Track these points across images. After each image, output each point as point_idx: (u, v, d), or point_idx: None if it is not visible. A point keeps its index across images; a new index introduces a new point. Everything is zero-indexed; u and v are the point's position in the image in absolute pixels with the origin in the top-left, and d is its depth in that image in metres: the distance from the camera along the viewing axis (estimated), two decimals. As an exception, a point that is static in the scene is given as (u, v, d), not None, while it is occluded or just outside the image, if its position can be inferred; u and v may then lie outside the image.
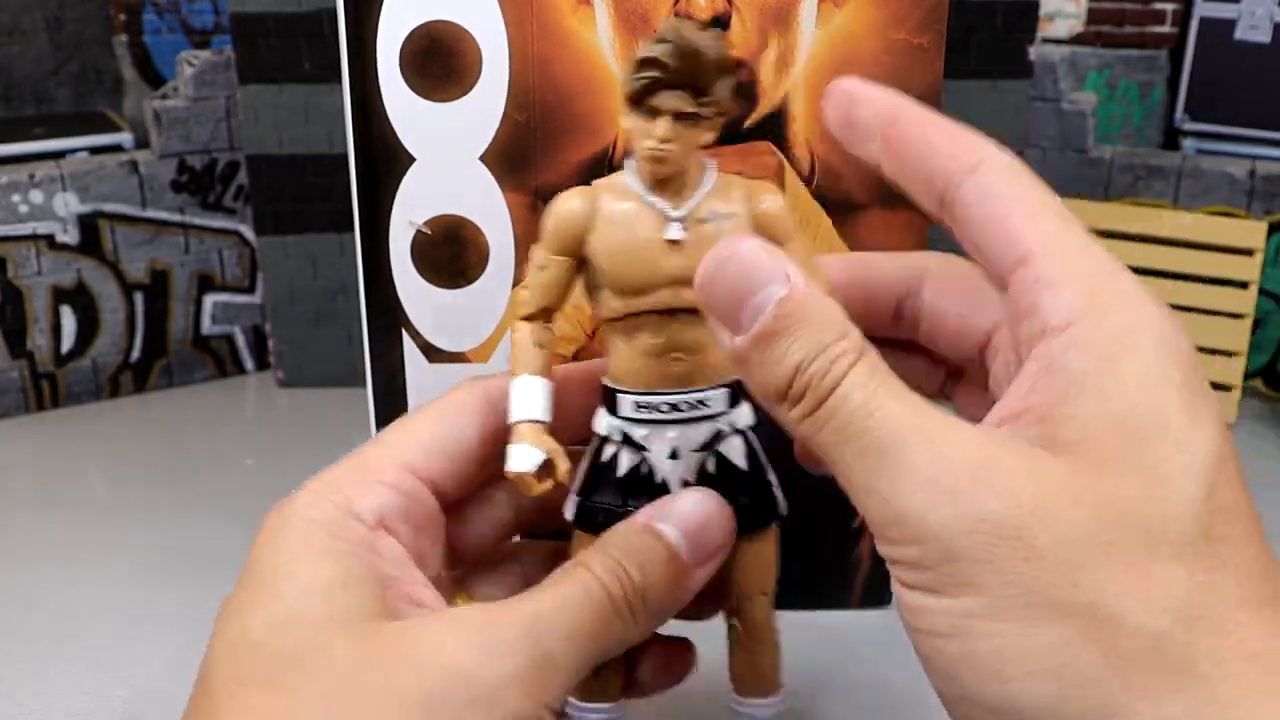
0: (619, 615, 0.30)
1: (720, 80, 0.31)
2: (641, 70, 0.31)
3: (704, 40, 0.30)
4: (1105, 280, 0.28)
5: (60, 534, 0.77)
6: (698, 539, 0.32)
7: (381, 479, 0.32)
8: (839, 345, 0.28)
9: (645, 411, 0.34)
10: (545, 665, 0.28)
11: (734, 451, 0.35)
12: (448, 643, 0.27)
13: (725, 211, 0.33)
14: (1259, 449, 0.92)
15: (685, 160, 0.32)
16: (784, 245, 0.33)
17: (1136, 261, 1.01)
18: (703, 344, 0.33)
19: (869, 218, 0.49)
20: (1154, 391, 0.26)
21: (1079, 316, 0.27)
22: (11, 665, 0.61)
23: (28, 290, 0.96)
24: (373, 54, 0.47)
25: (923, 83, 0.46)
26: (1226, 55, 1.22)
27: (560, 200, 0.34)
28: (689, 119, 0.31)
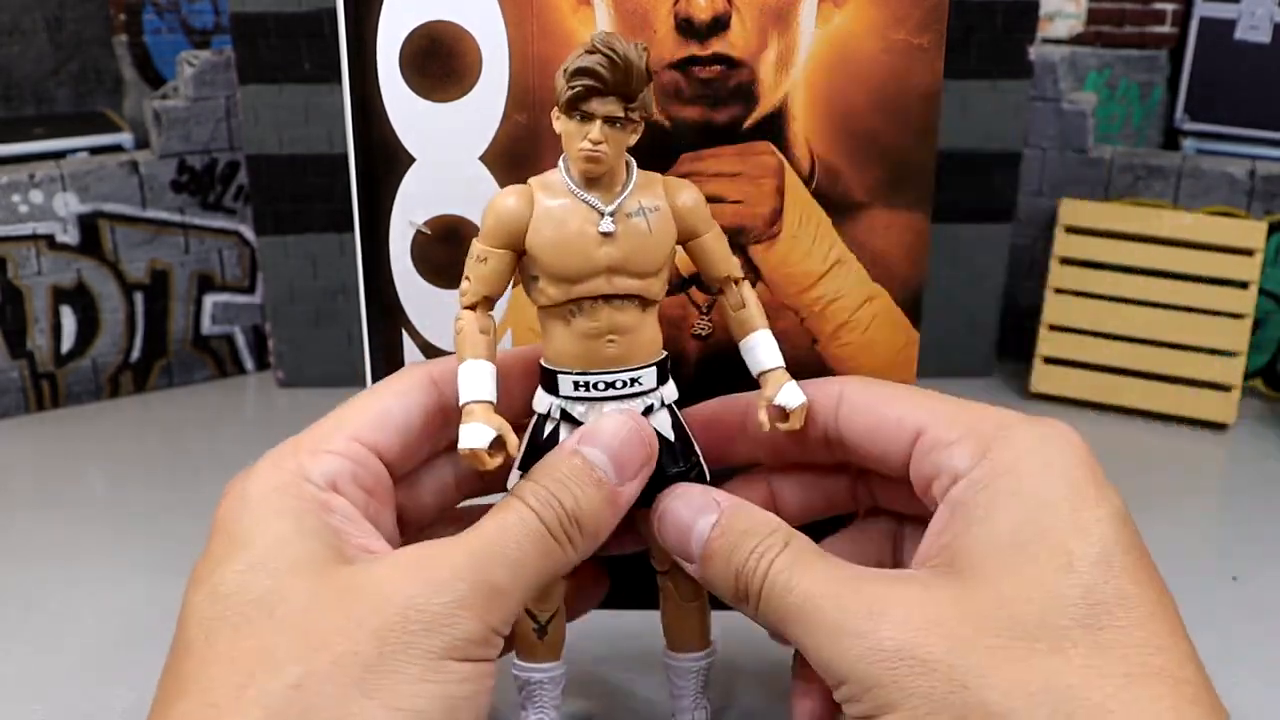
0: (556, 540, 0.33)
1: (645, 88, 0.35)
2: (576, 79, 0.34)
3: (632, 52, 0.34)
4: (988, 426, 0.33)
5: (60, 534, 0.77)
6: (621, 459, 0.35)
7: (331, 448, 0.34)
8: (764, 543, 0.33)
9: (583, 390, 0.37)
10: (489, 591, 0.30)
11: (663, 424, 0.39)
12: (398, 577, 0.29)
13: (650, 205, 0.37)
14: (1259, 449, 0.92)
15: (616, 160, 0.36)
16: (703, 234, 0.38)
17: (1136, 261, 1.01)
18: (634, 327, 0.37)
19: (869, 217, 0.49)
20: (1035, 511, 0.30)
21: (973, 463, 0.32)
22: (11, 665, 0.61)
23: (28, 290, 0.96)
24: (373, 54, 0.47)
25: (923, 83, 0.46)
26: (1226, 55, 1.22)
27: (499, 197, 0.37)
28: (619, 123, 0.34)
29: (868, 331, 0.48)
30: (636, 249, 0.36)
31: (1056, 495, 0.30)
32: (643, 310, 0.37)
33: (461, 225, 0.50)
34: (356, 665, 0.27)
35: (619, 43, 0.34)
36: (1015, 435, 0.32)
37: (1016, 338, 1.06)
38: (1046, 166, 1.04)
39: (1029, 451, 0.31)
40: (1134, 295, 1.00)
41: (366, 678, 0.27)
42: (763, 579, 0.32)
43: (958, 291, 1.01)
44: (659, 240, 0.36)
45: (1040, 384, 1.00)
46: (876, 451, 0.36)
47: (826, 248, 0.49)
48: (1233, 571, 0.72)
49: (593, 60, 0.34)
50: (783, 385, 0.39)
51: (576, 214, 0.36)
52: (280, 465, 0.33)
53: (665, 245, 0.37)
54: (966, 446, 0.32)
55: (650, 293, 0.37)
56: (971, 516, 0.30)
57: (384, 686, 0.27)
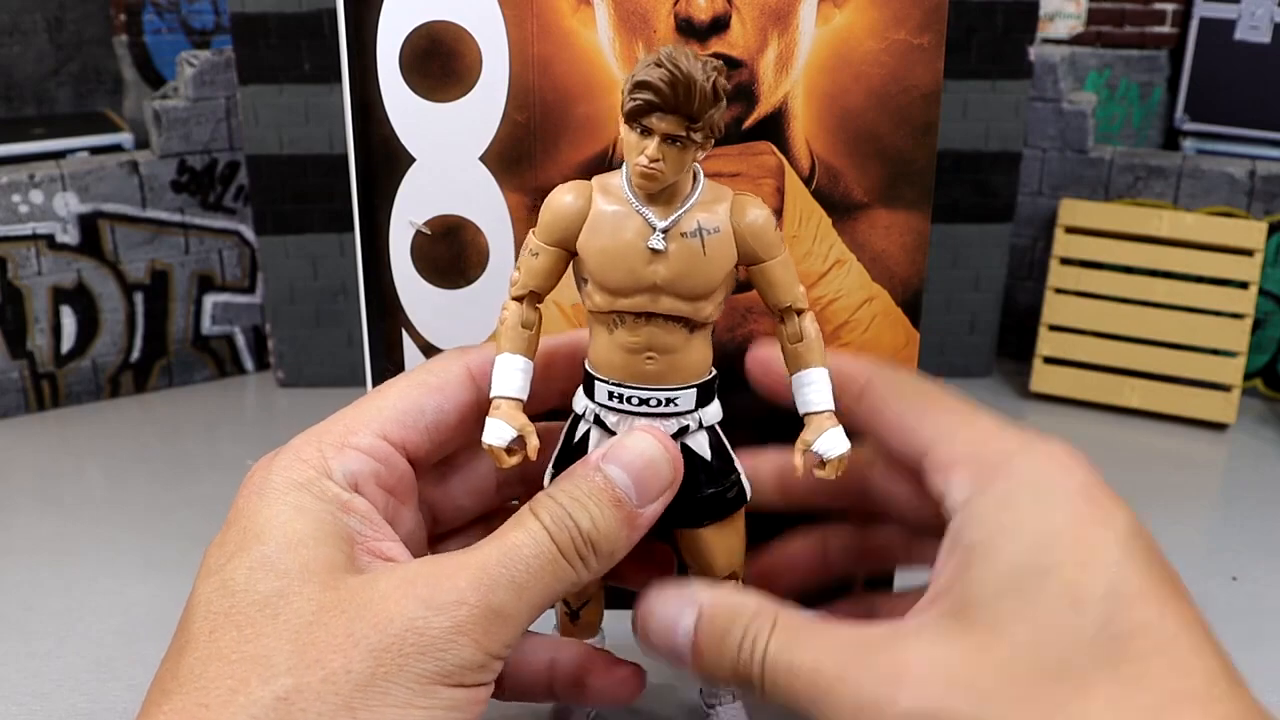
0: (569, 562, 0.32)
1: (712, 108, 0.33)
2: (636, 92, 0.32)
3: (698, 70, 0.32)
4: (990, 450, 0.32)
5: (60, 533, 0.77)
6: (644, 480, 0.34)
7: (357, 444, 0.33)
8: (752, 628, 0.32)
9: (617, 401, 0.36)
10: (492, 616, 0.30)
11: (700, 444, 0.37)
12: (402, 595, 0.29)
13: (709, 226, 0.34)
14: (1259, 449, 0.92)
15: (675, 177, 0.33)
16: (764, 261, 0.35)
17: (1136, 261, 1.01)
18: (676, 347, 0.35)
19: (869, 217, 0.49)
20: (1035, 547, 0.29)
21: (971, 493, 0.31)
22: (12, 665, 0.61)
23: (28, 290, 0.96)
24: (373, 54, 0.47)
25: (923, 82, 0.46)
26: (1226, 55, 1.22)
27: (557, 192, 0.35)
28: (679, 141, 0.33)
29: (868, 331, 0.48)
30: (687, 271, 0.34)
31: (1057, 526, 0.29)
32: (689, 332, 0.35)
33: (461, 225, 0.50)
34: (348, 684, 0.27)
35: (685, 59, 0.32)
36: (1013, 465, 0.31)
37: (1016, 338, 1.06)
38: (1046, 166, 1.04)
39: (1025, 483, 0.30)
40: (1134, 295, 1.00)
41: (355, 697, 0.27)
42: (761, 666, 0.31)
43: (958, 291, 1.01)
44: (713, 264, 0.34)
45: (1040, 384, 1.00)
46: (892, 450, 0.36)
47: (826, 248, 0.48)
48: (1233, 571, 0.72)
49: (654, 75, 0.32)
50: (825, 431, 0.37)
51: (630, 225, 0.34)
52: (304, 458, 0.33)
53: (719, 270, 0.35)
54: (966, 474, 0.31)
55: (699, 316, 0.35)
56: (971, 555, 0.30)
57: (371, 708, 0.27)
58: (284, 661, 0.27)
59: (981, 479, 0.31)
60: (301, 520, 0.31)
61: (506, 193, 0.50)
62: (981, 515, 0.30)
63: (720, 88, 0.33)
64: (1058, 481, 0.30)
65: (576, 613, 0.41)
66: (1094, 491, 0.30)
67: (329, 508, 0.31)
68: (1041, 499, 0.30)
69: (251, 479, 0.33)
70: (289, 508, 0.31)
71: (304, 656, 0.27)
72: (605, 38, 0.47)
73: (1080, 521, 0.29)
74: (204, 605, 0.29)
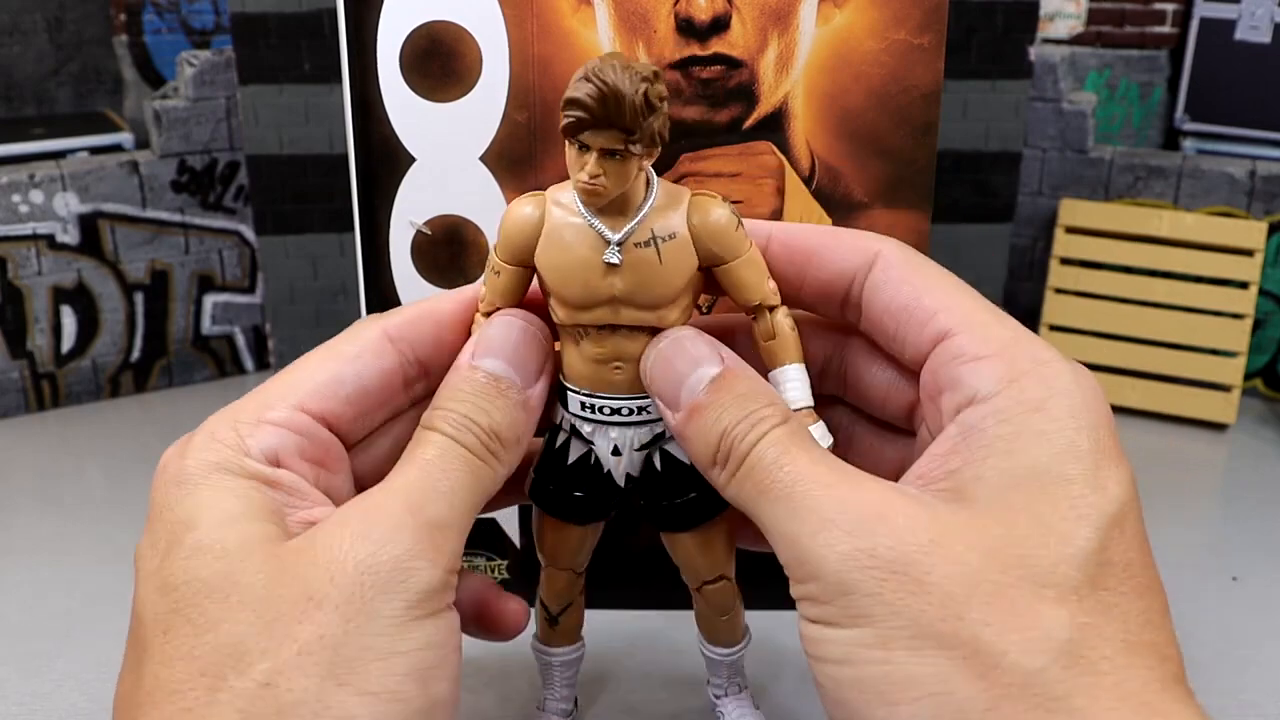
0: (482, 460, 0.31)
1: (648, 118, 0.31)
2: (567, 109, 0.31)
3: (625, 83, 0.30)
4: (1022, 352, 0.30)
5: (60, 533, 0.77)
6: (522, 361, 0.33)
7: (273, 419, 0.32)
8: (762, 411, 0.31)
9: (589, 411, 0.36)
10: (434, 529, 0.29)
11: (678, 449, 0.37)
12: (341, 540, 0.28)
13: (664, 233, 0.34)
14: (1259, 449, 0.92)
15: (619, 189, 0.32)
16: (727, 261, 0.34)
17: (1136, 262, 1.01)
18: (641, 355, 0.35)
19: (869, 217, 0.49)
20: (1059, 455, 0.28)
21: (998, 388, 0.29)
22: (11, 665, 0.61)
23: (28, 290, 0.96)
24: (373, 54, 0.47)
25: (923, 83, 0.46)
26: (1226, 55, 1.22)
27: (513, 207, 0.34)
28: (618, 154, 0.31)
29: (868, 331, 0.48)
30: (644, 282, 0.33)
31: (1083, 446, 0.28)
32: None
33: (461, 225, 0.50)
34: (325, 650, 0.26)
35: (612, 71, 0.30)
36: (1051, 372, 0.29)
37: (1016, 338, 1.06)
38: (1046, 166, 1.04)
39: (1062, 394, 0.29)
40: (1134, 295, 1.00)
41: (336, 662, 0.26)
42: (750, 446, 0.30)
43: (958, 291, 1.01)
44: (671, 271, 0.33)
45: (1040, 384, 1.00)
46: (896, 333, 0.33)
47: (826, 248, 0.48)
48: (1233, 571, 0.72)
49: (582, 90, 0.31)
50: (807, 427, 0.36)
51: (584, 239, 0.33)
52: (219, 439, 0.31)
53: (679, 276, 0.34)
54: (995, 368, 0.30)
55: (664, 323, 0.34)
56: (989, 447, 0.28)
57: (354, 668, 0.26)
58: (254, 644, 0.26)
59: (1012, 377, 0.29)
60: (228, 500, 0.29)
61: (506, 193, 0.50)
62: (1007, 411, 0.29)
63: (654, 96, 0.31)
64: (1089, 405, 0.29)
65: (556, 618, 0.41)
66: (1112, 428, 0.30)
67: (252, 484, 0.30)
68: (1072, 416, 0.29)
69: (166, 469, 0.32)
70: (212, 490, 0.30)
71: (272, 634, 0.26)
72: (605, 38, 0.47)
73: (1102, 450, 0.29)
74: (150, 608, 0.28)
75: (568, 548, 0.39)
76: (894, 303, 0.33)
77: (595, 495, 0.38)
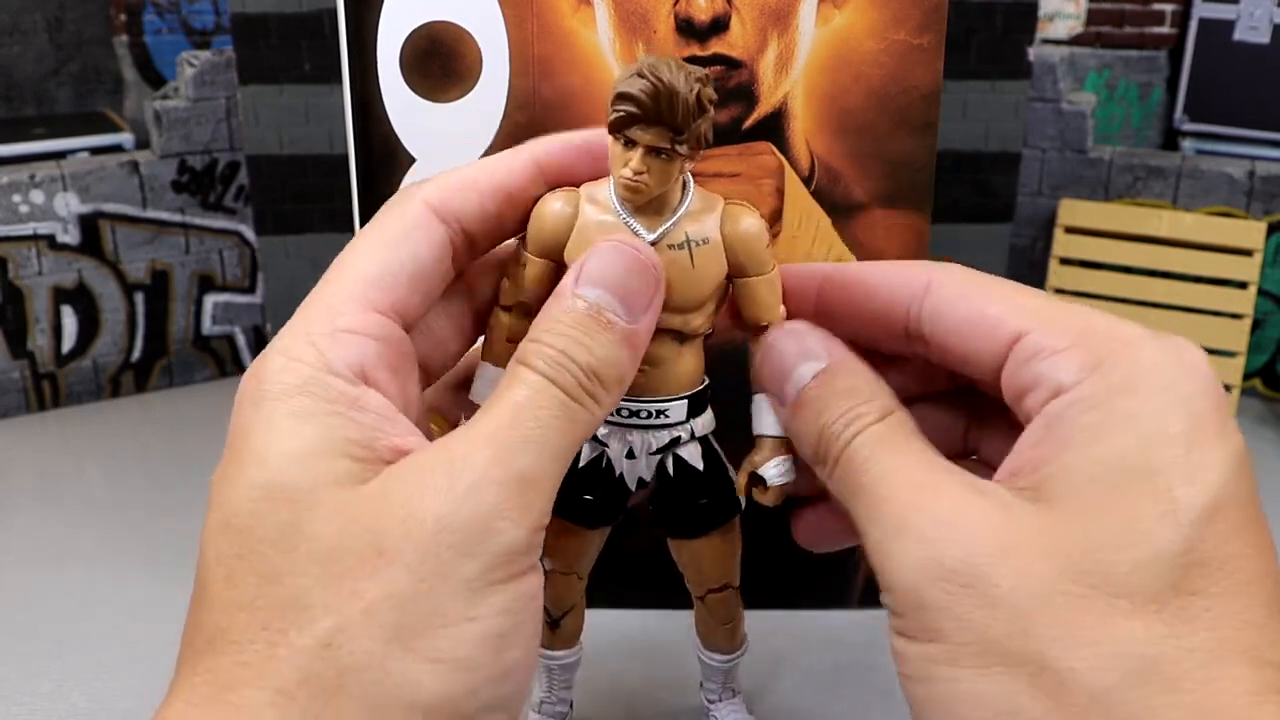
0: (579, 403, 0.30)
1: (697, 119, 0.31)
2: (618, 104, 0.31)
3: (680, 82, 0.30)
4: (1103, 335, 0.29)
5: (60, 534, 0.77)
6: (629, 292, 0.31)
7: (349, 326, 0.29)
8: (861, 408, 0.30)
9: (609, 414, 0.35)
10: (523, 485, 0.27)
11: (692, 455, 0.36)
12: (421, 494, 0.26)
13: (698, 237, 0.33)
14: (1258, 449, 0.92)
15: (660, 190, 0.32)
16: (751, 276, 0.34)
17: (1136, 262, 1.01)
18: (666, 359, 0.34)
19: (869, 217, 0.49)
20: (1147, 442, 0.26)
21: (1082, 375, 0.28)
22: (12, 665, 0.61)
23: (28, 290, 0.96)
24: (373, 54, 0.48)
25: (923, 83, 0.47)
26: (1225, 56, 1.22)
27: (544, 201, 0.34)
28: (664, 153, 0.31)
29: (867, 331, 0.48)
30: (676, 283, 0.33)
31: (1174, 428, 0.26)
32: (680, 344, 0.35)
33: (462, 225, 0.50)
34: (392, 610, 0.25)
35: (667, 70, 0.31)
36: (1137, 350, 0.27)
37: (1016, 338, 1.06)
38: (1046, 167, 1.04)
39: (1151, 371, 0.27)
40: (1134, 295, 1.00)
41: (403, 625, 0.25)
42: (844, 446, 0.29)
43: (957, 292, 1.01)
44: (702, 275, 0.34)
45: (1040, 384, 1.01)
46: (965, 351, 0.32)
47: (826, 248, 0.49)
48: (1232, 571, 0.72)
49: (636, 86, 0.31)
50: (774, 459, 0.36)
51: (617, 237, 0.34)
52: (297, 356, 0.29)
53: (709, 281, 0.34)
54: (1076, 356, 0.28)
55: (689, 328, 0.34)
56: (1072, 438, 0.27)
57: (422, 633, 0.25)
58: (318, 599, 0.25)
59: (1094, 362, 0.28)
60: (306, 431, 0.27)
61: (506, 193, 0.50)
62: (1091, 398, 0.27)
63: (705, 98, 0.31)
64: (1183, 379, 0.27)
65: (558, 621, 0.41)
66: (1218, 402, 0.27)
67: (336, 408, 0.28)
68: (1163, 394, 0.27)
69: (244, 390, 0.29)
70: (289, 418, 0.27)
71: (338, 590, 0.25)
72: (605, 38, 0.47)
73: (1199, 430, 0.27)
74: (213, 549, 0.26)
75: (575, 552, 0.39)
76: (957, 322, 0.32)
77: (605, 499, 0.38)
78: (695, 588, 0.40)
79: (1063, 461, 0.27)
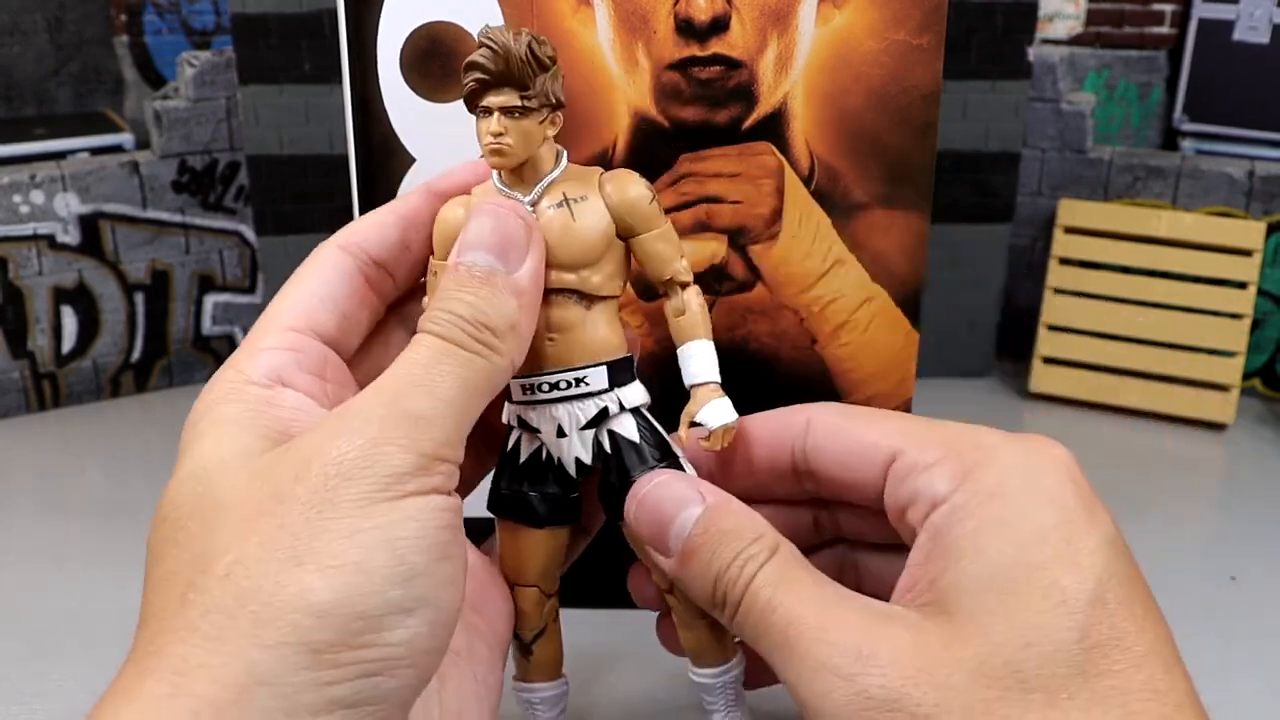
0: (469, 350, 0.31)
1: (539, 75, 0.34)
2: (466, 75, 0.34)
3: (511, 41, 0.33)
4: (968, 445, 0.31)
5: (60, 534, 0.77)
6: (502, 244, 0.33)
7: (266, 344, 0.32)
8: (750, 549, 0.31)
9: (530, 393, 0.36)
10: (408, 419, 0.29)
11: (626, 428, 0.37)
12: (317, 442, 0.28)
13: (576, 195, 0.35)
14: (1258, 449, 0.92)
15: (526, 152, 0.34)
16: (640, 233, 0.36)
17: (1135, 262, 1.01)
18: (573, 323, 0.35)
19: (868, 217, 0.49)
20: (1023, 544, 0.28)
21: (954, 486, 0.30)
22: (12, 665, 0.61)
23: (28, 290, 0.96)
24: (373, 55, 0.48)
25: (923, 83, 0.47)
26: (1225, 56, 1.22)
27: (443, 209, 0.36)
28: (518, 112, 0.34)
29: (867, 332, 0.49)
30: (560, 239, 0.35)
31: (1047, 523, 0.28)
32: (586, 307, 0.36)
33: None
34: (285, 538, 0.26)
35: (500, 33, 0.34)
36: (998, 455, 0.30)
37: (1016, 338, 1.06)
38: (1046, 167, 1.04)
39: (1014, 471, 0.30)
40: (1133, 295, 1.00)
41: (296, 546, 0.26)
42: (743, 590, 0.31)
43: (957, 291, 1.01)
44: (587, 229, 0.35)
45: (1039, 384, 1.00)
46: (848, 479, 0.35)
47: (826, 248, 0.49)
48: (1231, 571, 0.72)
49: (477, 54, 0.34)
50: (709, 402, 0.37)
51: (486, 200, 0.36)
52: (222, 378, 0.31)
53: (596, 235, 0.35)
54: (946, 468, 0.30)
55: (589, 286, 0.35)
56: (957, 549, 0.29)
57: (314, 549, 0.26)
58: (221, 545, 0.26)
59: (964, 472, 0.30)
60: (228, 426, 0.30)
61: (507, 193, 0.50)
62: (966, 508, 0.29)
63: (543, 55, 0.34)
64: (1046, 475, 0.30)
65: (529, 647, 0.39)
66: (1081, 489, 0.29)
67: (251, 406, 0.30)
68: (1030, 492, 0.29)
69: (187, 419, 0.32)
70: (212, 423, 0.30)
71: (238, 531, 0.27)
72: (605, 38, 0.47)
73: (1069, 520, 0.29)
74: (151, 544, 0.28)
75: (528, 557, 0.38)
76: (837, 452, 0.35)
77: (550, 492, 0.37)
78: (661, 578, 0.39)
79: (954, 573, 0.28)
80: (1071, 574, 0.27)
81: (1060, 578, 0.27)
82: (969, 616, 0.28)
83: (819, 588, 0.30)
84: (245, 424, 0.30)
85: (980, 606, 0.28)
